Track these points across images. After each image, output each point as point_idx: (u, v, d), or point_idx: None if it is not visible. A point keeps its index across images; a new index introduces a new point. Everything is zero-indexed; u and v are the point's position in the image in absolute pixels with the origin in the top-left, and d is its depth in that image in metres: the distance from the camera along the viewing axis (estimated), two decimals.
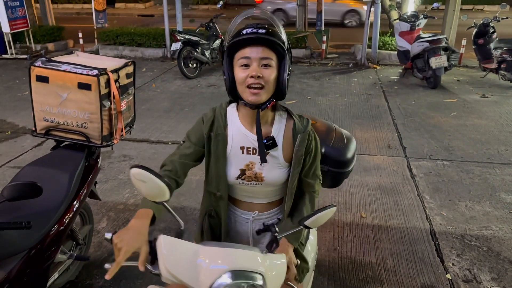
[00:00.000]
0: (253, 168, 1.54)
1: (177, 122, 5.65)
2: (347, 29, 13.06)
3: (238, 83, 1.44)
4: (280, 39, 1.41)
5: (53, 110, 2.40)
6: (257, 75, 1.39)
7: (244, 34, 1.39)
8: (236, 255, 1.24)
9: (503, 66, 7.09)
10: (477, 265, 2.91)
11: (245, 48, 1.41)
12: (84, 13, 18.32)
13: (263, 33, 1.37)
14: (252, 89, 1.41)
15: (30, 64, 2.37)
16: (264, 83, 1.41)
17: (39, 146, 4.83)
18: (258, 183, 1.57)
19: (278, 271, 1.33)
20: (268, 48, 1.41)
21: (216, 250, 1.25)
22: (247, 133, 1.53)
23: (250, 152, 1.54)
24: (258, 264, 1.23)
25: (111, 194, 3.80)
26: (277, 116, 1.57)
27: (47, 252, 2.15)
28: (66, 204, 2.26)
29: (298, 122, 1.56)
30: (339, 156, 2.06)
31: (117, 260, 1.19)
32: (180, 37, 7.56)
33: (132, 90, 2.68)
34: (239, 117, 1.55)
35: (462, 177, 4.12)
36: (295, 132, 1.55)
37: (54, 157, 2.47)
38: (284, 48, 1.43)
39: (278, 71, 1.45)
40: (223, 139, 1.54)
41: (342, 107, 6.28)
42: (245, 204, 1.67)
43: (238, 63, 1.43)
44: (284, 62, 1.45)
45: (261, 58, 1.40)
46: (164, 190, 1.25)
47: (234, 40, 1.40)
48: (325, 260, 2.95)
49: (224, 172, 1.56)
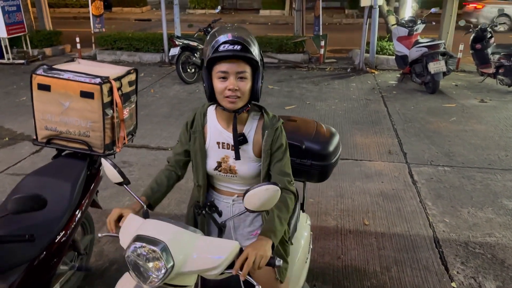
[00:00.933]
0: (228, 161, 1.74)
1: (176, 128, 5.61)
2: (343, 34, 13.08)
3: (217, 93, 1.61)
4: (254, 53, 1.56)
5: (55, 119, 2.37)
6: (234, 88, 1.56)
7: (221, 51, 1.52)
8: (154, 225, 1.40)
9: (501, 71, 7.11)
10: (482, 273, 2.89)
11: (222, 63, 1.56)
12: (81, 18, 18.25)
13: (238, 49, 1.52)
14: (229, 98, 1.58)
15: (32, 72, 2.33)
16: (241, 94, 1.58)
17: (37, 153, 4.79)
18: (233, 175, 1.76)
19: (192, 247, 1.39)
20: (244, 62, 1.57)
21: (147, 222, 1.43)
22: (222, 131, 1.73)
23: (225, 147, 1.74)
24: (163, 233, 1.35)
25: (111, 201, 3.76)
26: (250, 116, 1.75)
27: (49, 264, 2.11)
28: (69, 215, 2.23)
29: (267, 119, 1.73)
30: (320, 150, 2.17)
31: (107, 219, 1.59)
32: (179, 42, 7.54)
33: (135, 98, 2.65)
34: (217, 116, 1.75)
35: (463, 183, 4.12)
36: (264, 129, 1.72)
37: (56, 167, 2.43)
38: (258, 62, 1.59)
39: (253, 80, 1.62)
40: (200, 135, 1.75)
41: (341, 112, 6.27)
42: (225, 191, 1.85)
43: (216, 75, 1.58)
44: (258, 72, 1.62)
45: (237, 72, 1.56)
46: (116, 175, 1.61)
47: (212, 55, 1.54)
48: (329, 269, 2.93)
49: (202, 164, 1.77)
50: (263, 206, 1.45)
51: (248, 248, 1.47)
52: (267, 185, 1.41)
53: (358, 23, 16.84)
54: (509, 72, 6.98)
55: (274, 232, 1.61)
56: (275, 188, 1.41)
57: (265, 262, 1.45)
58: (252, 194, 1.42)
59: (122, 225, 1.53)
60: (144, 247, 1.32)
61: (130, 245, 1.35)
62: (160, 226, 1.41)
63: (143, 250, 1.33)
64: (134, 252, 1.34)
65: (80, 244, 2.50)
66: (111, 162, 1.64)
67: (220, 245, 1.42)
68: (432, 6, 8.08)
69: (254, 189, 1.42)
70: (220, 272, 1.37)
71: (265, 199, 1.42)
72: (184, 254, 1.36)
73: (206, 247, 1.41)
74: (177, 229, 1.40)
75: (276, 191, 1.42)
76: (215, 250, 1.40)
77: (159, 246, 1.31)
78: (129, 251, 1.36)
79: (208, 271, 1.37)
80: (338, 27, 15.55)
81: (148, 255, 1.33)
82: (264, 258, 1.45)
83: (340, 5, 20.04)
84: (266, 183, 1.42)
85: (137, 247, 1.34)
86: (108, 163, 1.64)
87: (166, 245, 1.32)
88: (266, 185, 1.41)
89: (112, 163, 1.65)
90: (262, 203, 1.43)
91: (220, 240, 1.48)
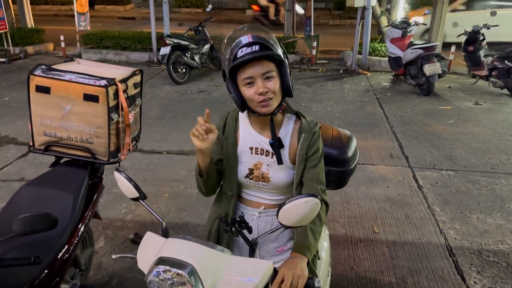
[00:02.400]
0: (261, 168, 1.62)
1: (170, 130, 5.41)
2: (331, 35, 13.02)
3: (248, 101, 1.50)
4: (274, 49, 1.45)
5: (55, 124, 2.16)
6: (264, 91, 1.45)
7: (240, 56, 1.41)
8: (178, 245, 1.25)
9: (494, 74, 7.12)
10: (500, 283, 2.80)
11: (245, 68, 1.45)
12: (62, 15, 17.78)
13: (257, 50, 1.41)
14: (262, 103, 1.47)
15: (29, 73, 2.12)
16: (272, 94, 1.47)
17: (24, 157, 4.53)
18: (265, 183, 1.63)
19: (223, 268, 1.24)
20: (267, 61, 1.46)
21: (169, 242, 1.28)
22: (256, 135, 1.61)
23: (259, 152, 1.62)
24: (189, 254, 1.20)
25: (107, 210, 3.55)
26: (285, 119, 1.64)
27: (51, 284, 1.91)
28: (71, 229, 2.04)
29: (305, 123, 1.63)
30: (338, 155, 2.06)
31: None
32: (169, 41, 7.32)
33: (139, 101, 2.46)
34: (250, 121, 1.64)
35: (469, 188, 4.04)
36: (300, 132, 1.61)
37: (55, 176, 2.23)
38: (281, 56, 1.47)
39: (281, 77, 1.50)
40: (233, 141, 1.63)
41: (338, 114, 6.16)
42: (253, 202, 1.70)
43: (242, 83, 1.48)
44: (284, 66, 1.50)
45: (263, 74, 1.45)
46: (131, 189, 1.48)
47: (232, 64, 1.43)
48: (343, 281, 2.80)
49: (234, 170, 1.63)
50: (300, 221, 1.30)
51: (283, 268, 1.33)
52: (306, 197, 1.26)
53: (345, 24, 16.86)
54: (502, 74, 6.98)
55: (308, 247, 1.48)
56: (315, 201, 1.27)
57: (303, 283, 1.32)
58: (289, 207, 1.27)
59: (140, 244, 1.38)
60: (169, 271, 1.18)
61: (152, 269, 1.21)
62: (185, 246, 1.26)
63: (167, 274, 1.18)
64: (157, 276, 1.19)
65: (81, 259, 2.31)
66: (125, 176, 1.49)
67: (253, 266, 1.27)
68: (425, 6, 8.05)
69: (292, 202, 1.27)
70: None
71: (304, 213, 1.28)
72: (213, 278, 1.21)
73: (237, 268, 1.25)
74: (204, 249, 1.25)
75: (316, 203, 1.28)
76: (248, 271, 1.25)
77: (186, 270, 1.17)
78: (151, 276, 1.21)
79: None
80: (325, 28, 15.47)
81: (173, 280, 1.18)
82: (302, 279, 1.32)
83: (325, 6, 19.99)
84: (304, 195, 1.27)
85: (160, 271, 1.19)
86: (122, 176, 1.49)
87: (194, 268, 1.18)
88: (305, 197, 1.26)
89: (127, 176, 1.49)
90: (301, 218, 1.29)
91: (252, 260, 1.33)
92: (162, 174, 4.21)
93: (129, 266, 2.87)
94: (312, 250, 1.49)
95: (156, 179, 4.10)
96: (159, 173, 4.24)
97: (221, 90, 7.32)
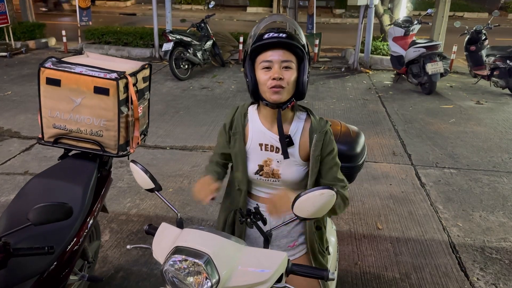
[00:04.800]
0: (271, 164, 1.60)
1: (173, 126, 5.42)
2: (332, 33, 13.02)
3: (261, 84, 1.51)
4: (299, 43, 1.48)
5: (65, 117, 2.17)
6: (279, 77, 1.46)
7: (266, 38, 1.45)
8: (194, 235, 1.26)
9: (495, 73, 7.14)
10: (502, 280, 2.82)
11: (266, 52, 1.47)
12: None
13: (283, 37, 1.44)
14: (274, 88, 1.47)
15: (40, 65, 2.13)
16: (285, 84, 1.47)
17: (27, 150, 4.53)
18: (275, 180, 1.62)
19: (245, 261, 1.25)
20: (289, 51, 1.48)
21: (186, 232, 1.28)
22: (265, 131, 1.60)
23: (268, 149, 1.60)
24: (206, 244, 1.21)
25: (111, 203, 3.56)
26: (295, 116, 1.63)
27: (60, 275, 1.93)
28: (81, 221, 2.05)
29: (315, 122, 1.61)
30: (347, 150, 2.06)
31: None
32: (172, 37, 7.31)
33: (148, 95, 2.47)
34: (259, 116, 1.63)
35: (471, 186, 4.06)
36: (312, 132, 1.59)
37: (64, 168, 2.24)
38: (304, 51, 1.49)
39: (298, 72, 1.52)
40: (241, 137, 1.62)
41: (340, 112, 6.18)
42: (264, 198, 1.69)
43: (260, 66, 1.49)
44: (304, 64, 1.51)
45: (282, 61, 1.47)
46: (147, 180, 1.48)
47: (256, 44, 1.47)
48: (348, 276, 2.81)
49: (244, 167, 1.62)
50: (316, 213, 1.31)
51: None
52: (322, 189, 1.27)
53: (346, 23, 16.88)
54: (504, 74, 7.01)
55: None
56: (331, 193, 1.27)
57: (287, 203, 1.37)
58: (305, 199, 1.28)
59: (155, 235, 1.39)
60: (185, 261, 1.19)
61: (169, 258, 1.22)
62: (202, 236, 1.27)
63: (184, 263, 1.20)
64: (173, 266, 1.21)
65: (89, 251, 2.32)
66: (141, 167, 1.49)
67: (267, 257, 1.28)
68: (426, 5, 8.06)
69: (308, 193, 1.28)
70: (268, 287, 1.23)
71: (320, 205, 1.29)
72: (229, 268, 1.22)
73: (252, 259, 1.26)
74: (220, 239, 1.26)
75: (332, 195, 1.28)
76: (262, 262, 1.25)
77: (203, 259, 1.18)
78: (167, 265, 1.21)
79: (255, 286, 1.23)
80: (326, 26, 15.49)
81: (189, 269, 1.19)
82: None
83: (326, 4, 19.98)
84: (321, 187, 1.28)
85: (176, 261, 1.20)
86: (137, 168, 1.49)
87: (210, 257, 1.19)
88: (321, 189, 1.27)
89: (143, 167, 1.50)
90: (317, 209, 1.30)
91: (267, 251, 1.33)
92: (166, 169, 4.22)
93: (134, 259, 2.89)
94: None
95: (160, 174, 4.11)
96: (162, 168, 4.25)
97: (224, 86, 7.32)
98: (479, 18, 17.89)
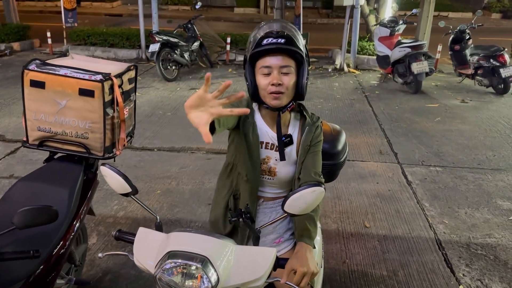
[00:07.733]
0: (269, 162, 1.66)
1: (160, 127, 5.39)
2: (319, 34, 13.08)
3: (261, 89, 1.54)
4: (298, 47, 1.48)
5: (49, 119, 2.15)
6: (278, 82, 1.48)
7: (264, 44, 1.46)
8: (187, 238, 1.25)
9: (479, 72, 7.25)
10: (487, 275, 2.87)
11: (266, 57, 1.49)
12: (47, 12, 17.51)
13: (282, 42, 1.45)
14: (273, 94, 1.50)
15: (24, 68, 2.11)
16: (284, 89, 1.50)
17: (12, 154, 4.47)
18: (271, 177, 1.67)
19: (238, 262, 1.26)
20: (288, 56, 1.49)
21: (175, 236, 1.27)
22: (267, 130, 1.64)
23: (269, 147, 1.65)
24: (201, 247, 1.21)
25: (98, 206, 3.53)
26: (293, 117, 1.68)
27: (47, 279, 1.91)
28: (67, 224, 2.03)
29: (308, 118, 1.67)
30: (328, 148, 2.10)
31: None
32: (159, 38, 7.28)
33: (134, 97, 2.46)
34: (261, 115, 1.66)
35: (457, 183, 4.12)
36: (304, 126, 1.65)
37: (50, 171, 2.21)
38: (303, 55, 1.51)
39: (297, 76, 1.53)
40: (255, 128, 1.61)
41: (328, 112, 6.22)
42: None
43: (260, 71, 1.51)
44: (303, 67, 1.53)
45: (281, 67, 1.48)
46: (122, 184, 1.41)
47: (255, 50, 1.48)
48: (336, 274, 2.84)
49: (257, 157, 1.63)
50: (306, 209, 1.36)
51: (294, 261, 1.39)
52: (312, 187, 1.32)
53: (333, 23, 16.97)
54: (487, 73, 7.12)
55: (310, 236, 1.57)
56: (320, 190, 1.32)
57: (312, 277, 1.40)
58: (298, 197, 1.32)
59: (135, 241, 1.35)
60: (182, 265, 1.19)
61: (163, 264, 1.20)
62: (194, 238, 1.27)
63: (180, 268, 1.19)
64: (168, 271, 1.20)
65: (76, 255, 2.30)
66: (115, 170, 1.42)
67: (260, 254, 1.31)
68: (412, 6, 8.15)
69: (300, 191, 1.32)
70: (263, 282, 1.26)
71: (311, 201, 1.34)
72: (226, 267, 1.23)
73: (245, 257, 1.29)
74: (213, 240, 1.27)
75: (321, 192, 1.33)
76: (256, 259, 1.29)
77: (201, 262, 1.18)
78: (161, 271, 1.21)
79: (251, 283, 1.25)
80: (313, 27, 15.54)
81: (185, 273, 1.19)
82: (313, 275, 1.39)
83: (312, 5, 20.07)
84: (311, 185, 1.32)
85: (174, 265, 1.19)
86: (111, 171, 1.41)
87: (208, 259, 1.19)
88: (312, 187, 1.32)
89: (117, 170, 1.42)
90: (307, 206, 1.35)
91: (258, 248, 1.37)
92: (153, 171, 4.20)
93: (122, 262, 2.87)
94: (312, 236, 1.58)
95: (147, 176, 4.09)
96: (150, 170, 4.23)
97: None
98: (463, 17, 18.12)
